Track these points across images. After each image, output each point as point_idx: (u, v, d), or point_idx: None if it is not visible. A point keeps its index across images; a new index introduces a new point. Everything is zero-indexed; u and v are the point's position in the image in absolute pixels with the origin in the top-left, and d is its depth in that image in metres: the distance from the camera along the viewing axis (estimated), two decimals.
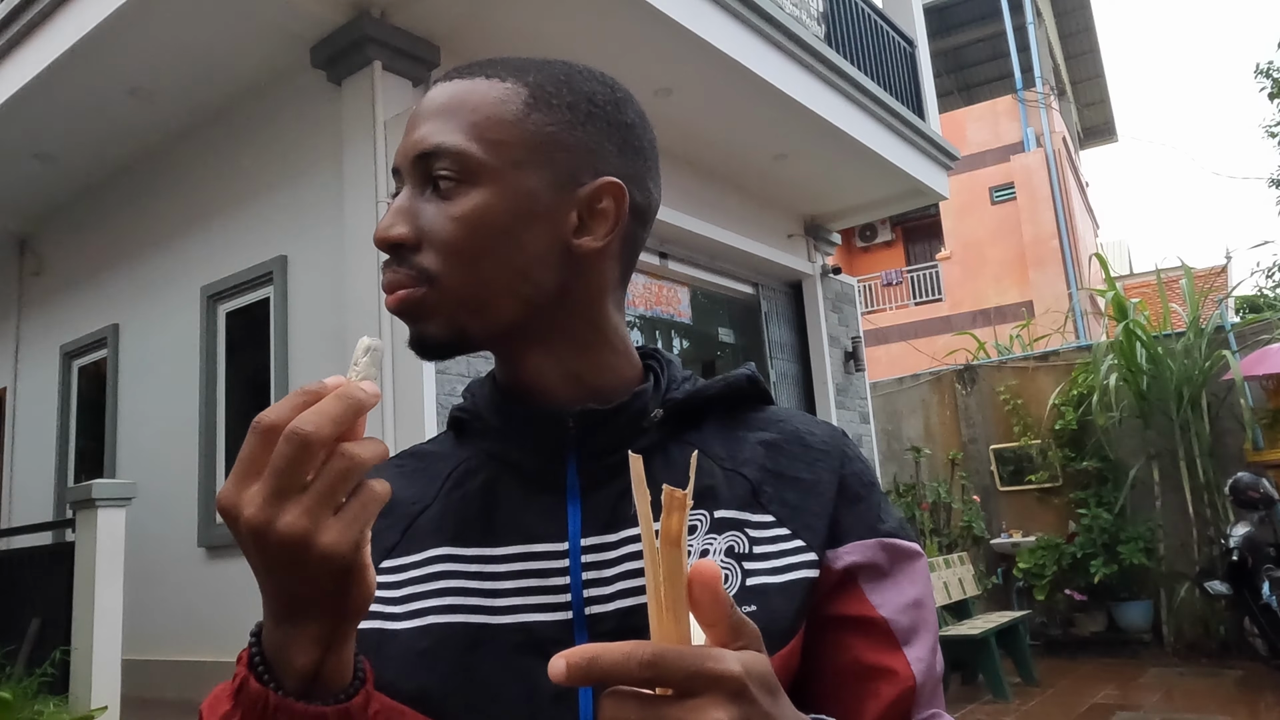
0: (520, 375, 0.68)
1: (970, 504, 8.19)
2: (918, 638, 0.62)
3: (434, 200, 0.64)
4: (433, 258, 0.63)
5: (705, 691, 0.40)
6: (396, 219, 0.64)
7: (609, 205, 0.65)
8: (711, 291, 6.93)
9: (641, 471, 0.42)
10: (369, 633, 0.64)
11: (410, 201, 0.65)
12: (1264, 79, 16.07)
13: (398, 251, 0.64)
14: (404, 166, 0.66)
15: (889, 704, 0.60)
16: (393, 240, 0.63)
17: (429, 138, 0.64)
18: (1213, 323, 7.63)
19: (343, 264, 4.53)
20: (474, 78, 0.66)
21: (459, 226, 0.63)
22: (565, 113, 0.65)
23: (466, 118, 0.64)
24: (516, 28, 4.56)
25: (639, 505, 0.42)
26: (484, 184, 0.63)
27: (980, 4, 16.22)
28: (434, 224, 0.63)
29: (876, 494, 0.68)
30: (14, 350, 7.06)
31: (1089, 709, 5.37)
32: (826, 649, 0.62)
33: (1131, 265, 21.13)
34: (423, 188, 0.65)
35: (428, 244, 0.63)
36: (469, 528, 0.66)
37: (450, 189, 0.63)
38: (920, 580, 0.66)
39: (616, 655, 0.39)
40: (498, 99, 0.64)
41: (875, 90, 6.46)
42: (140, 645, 4.80)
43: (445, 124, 0.64)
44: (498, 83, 0.65)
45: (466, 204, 0.63)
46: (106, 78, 4.90)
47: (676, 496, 0.41)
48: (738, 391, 0.71)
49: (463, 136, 0.63)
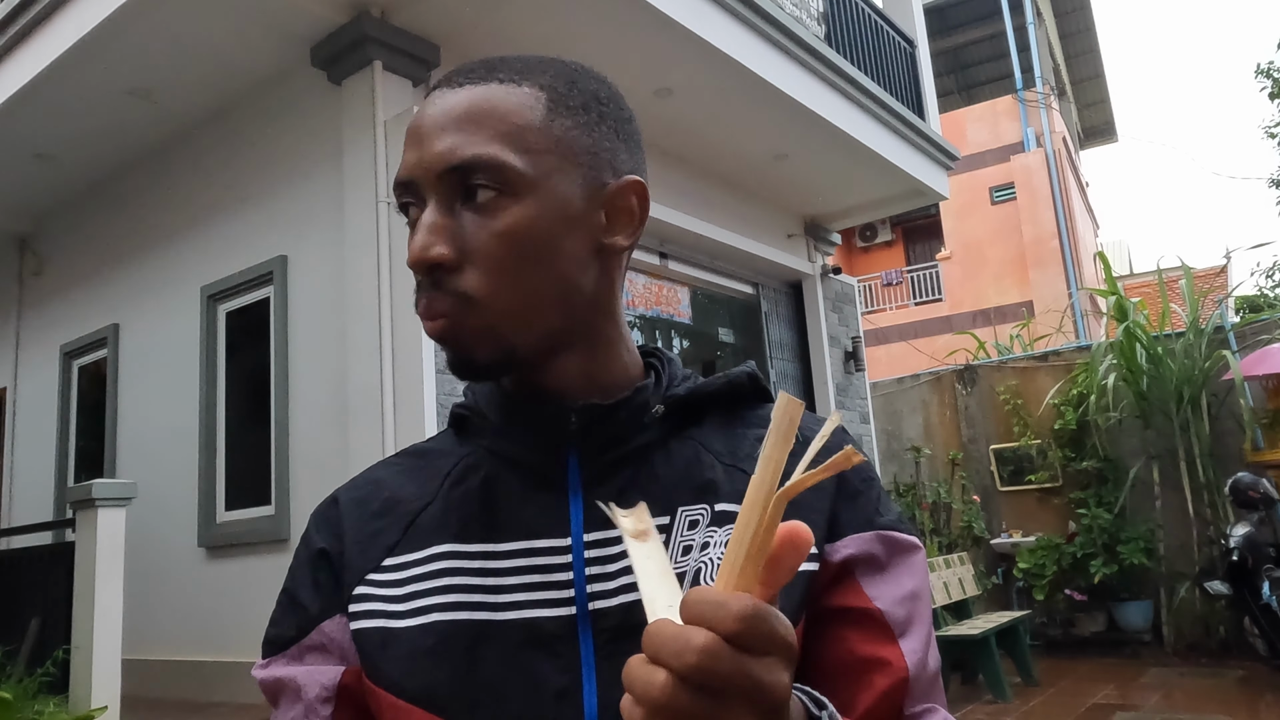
0: (538, 377, 0.67)
1: (970, 504, 8.19)
2: (912, 629, 0.62)
3: (470, 215, 0.61)
4: (476, 277, 0.61)
5: (773, 653, 0.39)
6: (434, 238, 0.61)
7: (633, 203, 0.66)
8: (711, 291, 6.93)
9: (792, 414, 0.41)
10: (373, 631, 0.63)
11: (442, 217, 0.62)
12: (1264, 79, 16.08)
13: (434, 273, 0.61)
14: (426, 180, 0.62)
15: (882, 694, 0.60)
16: (433, 261, 0.61)
17: (460, 149, 0.61)
18: (1212, 323, 7.63)
19: (343, 264, 4.53)
20: (487, 83, 0.64)
21: (504, 242, 0.61)
22: (581, 114, 0.65)
23: (496, 127, 0.62)
24: (516, 28, 4.56)
25: (771, 449, 0.41)
26: (524, 195, 0.61)
27: (980, 4, 16.22)
28: (476, 240, 0.61)
29: (875, 488, 0.68)
30: (14, 350, 7.06)
31: (1089, 709, 5.36)
32: (822, 641, 0.62)
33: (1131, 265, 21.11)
34: (451, 202, 0.62)
35: (469, 263, 0.61)
36: (471, 524, 0.66)
37: (489, 201, 0.61)
38: (918, 573, 0.65)
39: (711, 604, 0.39)
40: (520, 105, 0.63)
41: (875, 90, 6.46)
42: (140, 645, 4.81)
43: (474, 134, 0.61)
44: (514, 87, 0.64)
45: (510, 218, 0.61)
46: (106, 78, 4.91)
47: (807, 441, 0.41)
48: (738, 389, 0.72)
49: (498, 147, 0.61)
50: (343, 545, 0.68)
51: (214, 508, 5.14)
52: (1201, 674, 6.30)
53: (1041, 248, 14.80)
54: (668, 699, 0.38)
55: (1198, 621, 7.05)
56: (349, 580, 0.66)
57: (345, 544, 0.68)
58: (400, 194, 0.65)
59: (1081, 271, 14.73)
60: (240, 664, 4.57)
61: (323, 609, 0.67)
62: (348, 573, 0.67)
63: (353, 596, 0.66)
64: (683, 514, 0.64)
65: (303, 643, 0.66)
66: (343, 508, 0.71)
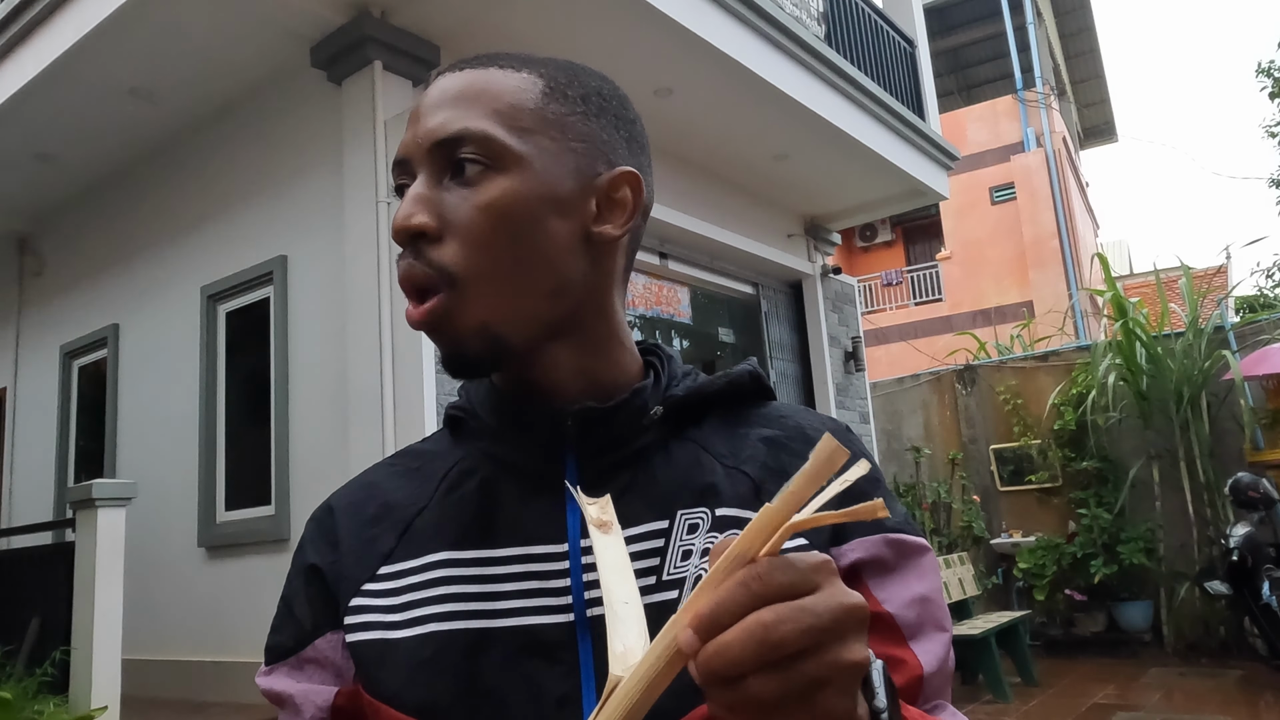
0: (530, 373, 0.66)
1: (970, 504, 8.19)
2: (924, 632, 0.61)
3: (456, 188, 0.61)
4: (455, 250, 0.60)
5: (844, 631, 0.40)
6: (416, 207, 0.61)
7: (626, 195, 0.66)
8: (711, 291, 6.93)
9: (834, 460, 0.41)
10: (371, 644, 0.63)
11: (429, 190, 0.62)
12: (1264, 78, 16.07)
13: (416, 243, 0.61)
14: (417, 155, 0.63)
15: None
16: (414, 229, 0.60)
17: (450, 124, 0.61)
18: (1212, 323, 7.63)
19: (343, 264, 4.53)
20: (487, 67, 0.64)
21: (486, 215, 0.60)
22: (579, 104, 0.65)
23: (489, 104, 0.62)
24: (516, 28, 4.56)
25: (798, 485, 0.41)
26: (511, 170, 0.61)
27: (980, 4, 16.22)
28: (458, 212, 0.61)
29: (881, 490, 0.67)
30: (14, 350, 7.06)
31: (1089, 709, 5.36)
32: None
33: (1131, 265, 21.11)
34: (440, 176, 0.62)
35: (451, 234, 0.61)
36: (468, 531, 0.65)
37: (476, 175, 0.61)
38: (928, 575, 0.64)
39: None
40: (516, 87, 0.63)
41: (875, 90, 6.46)
42: (140, 645, 4.80)
43: (466, 110, 0.62)
44: (512, 72, 0.64)
45: (494, 190, 0.61)
46: (106, 78, 4.90)
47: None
48: (740, 388, 0.71)
49: (488, 122, 0.61)
50: (338, 555, 0.67)
51: (214, 508, 5.14)
52: (1201, 674, 6.30)
53: (1041, 248, 14.80)
54: (764, 689, 0.38)
55: (1198, 621, 7.05)
56: (345, 591, 0.66)
57: (341, 553, 0.67)
58: (397, 174, 0.65)
59: (1081, 271, 14.73)
60: (240, 664, 4.57)
61: (315, 625, 0.66)
62: (344, 584, 0.66)
63: (349, 608, 0.65)
64: (682, 518, 0.63)
65: (301, 654, 0.66)
66: (338, 515, 0.70)
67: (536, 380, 0.66)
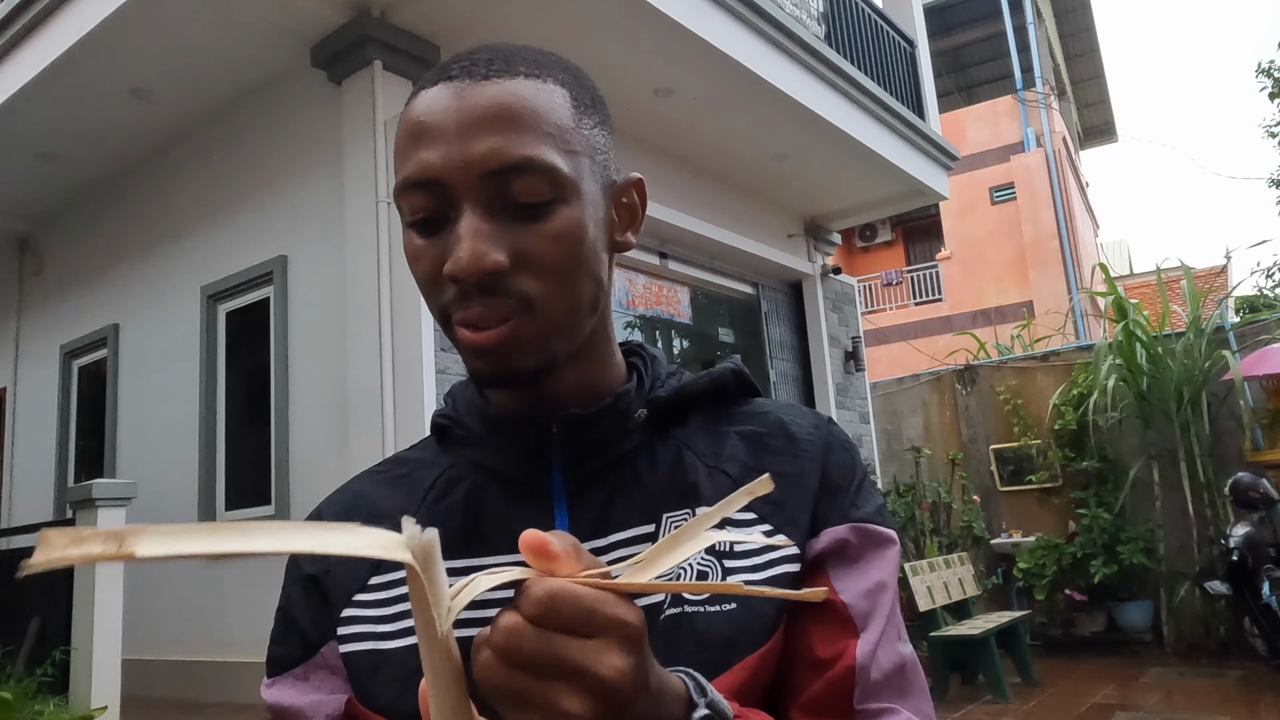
0: (542, 382, 0.63)
1: (970, 504, 8.18)
2: (872, 622, 0.61)
3: (517, 219, 0.58)
4: (531, 280, 0.58)
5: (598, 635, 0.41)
6: (487, 245, 0.57)
7: (634, 200, 0.67)
8: (711, 291, 6.93)
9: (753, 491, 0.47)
10: (365, 654, 0.63)
11: (487, 223, 0.58)
12: (1265, 79, 16.08)
13: (490, 281, 0.58)
14: (463, 182, 0.58)
15: (828, 683, 0.59)
16: (489, 269, 0.57)
17: (508, 150, 0.57)
18: (1212, 323, 7.62)
19: (343, 264, 4.53)
20: (512, 77, 0.60)
21: (559, 245, 0.59)
22: (593, 113, 0.64)
23: (539, 127, 0.59)
24: (516, 28, 4.56)
25: (699, 521, 0.46)
26: (570, 197, 0.60)
27: (980, 4, 16.22)
28: (528, 243, 0.58)
29: (856, 480, 0.67)
30: (14, 350, 7.06)
31: (1089, 709, 5.36)
32: (786, 633, 0.62)
33: (1131, 265, 21.13)
34: (494, 203, 0.58)
35: (524, 268, 0.58)
36: (455, 540, 0.63)
37: (541, 206, 0.58)
38: (888, 565, 0.64)
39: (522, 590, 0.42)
40: (552, 105, 0.60)
41: (875, 90, 6.46)
42: (140, 645, 4.80)
43: (517, 135, 0.58)
44: (539, 83, 0.61)
45: (561, 222, 0.59)
46: (106, 78, 4.91)
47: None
48: (723, 386, 0.71)
49: (545, 149, 0.58)
50: (329, 564, 0.67)
51: (214, 507, 5.14)
52: (1201, 674, 6.30)
53: (1041, 248, 14.80)
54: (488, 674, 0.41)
55: (1198, 621, 7.05)
56: (336, 602, 0.65)
57: (331, 563, 0.67)
58: (415, 192, 0.59)
59: (1081, 272, 14.73)
60: (239, 664, 4.57)
61: (321, 633, 0.66)
62: (335, 594, 0.66)
63: (341, 618, 0.65)
64: (668, 520, 0.63)
65: (310, 662, 0.66)
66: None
67: (547, 389, 0.64)
